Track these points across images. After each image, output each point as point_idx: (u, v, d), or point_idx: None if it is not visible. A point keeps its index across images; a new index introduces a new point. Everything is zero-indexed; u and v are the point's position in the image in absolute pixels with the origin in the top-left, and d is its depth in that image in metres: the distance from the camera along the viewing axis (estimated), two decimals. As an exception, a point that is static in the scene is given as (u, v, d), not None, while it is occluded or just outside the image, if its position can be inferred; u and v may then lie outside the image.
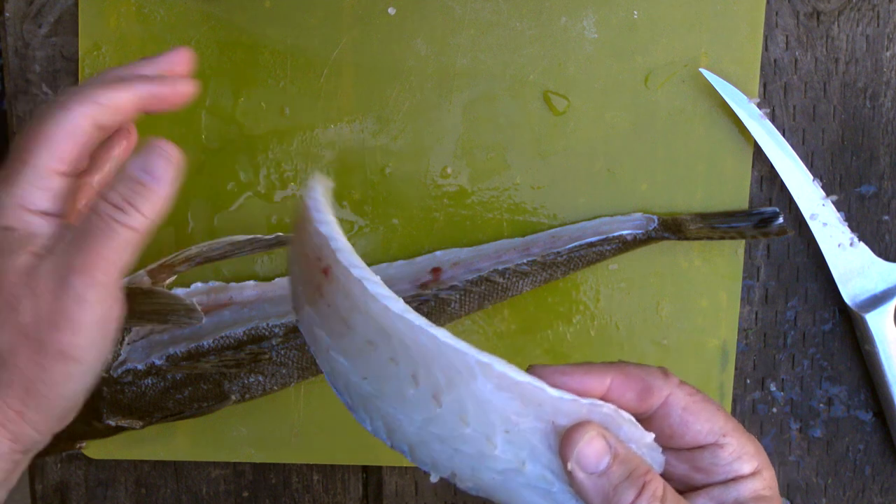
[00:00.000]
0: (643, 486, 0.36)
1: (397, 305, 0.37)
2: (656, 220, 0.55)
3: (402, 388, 0.37)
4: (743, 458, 0.39)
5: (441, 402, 0.37)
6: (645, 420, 0.39)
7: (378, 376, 0.38)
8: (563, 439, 0.36)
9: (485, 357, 0.36)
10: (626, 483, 0.36)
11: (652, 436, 0.39)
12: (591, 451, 0.36)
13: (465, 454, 0.38)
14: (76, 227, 0.40)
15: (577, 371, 0.38)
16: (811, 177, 0.55)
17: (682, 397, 0.39)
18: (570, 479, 0.37)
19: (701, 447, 0.39)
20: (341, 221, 0.57)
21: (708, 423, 0.39)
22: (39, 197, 0.41)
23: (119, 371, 0.53)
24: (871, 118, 0.57)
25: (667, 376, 0.40)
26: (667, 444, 0.40)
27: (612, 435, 0.37)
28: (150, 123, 0.56)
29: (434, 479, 0.40)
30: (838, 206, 0.56)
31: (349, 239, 0.38)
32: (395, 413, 0.38)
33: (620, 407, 0.38)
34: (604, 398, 0.38)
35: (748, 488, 0.39)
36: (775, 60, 0.56)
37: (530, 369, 0.38)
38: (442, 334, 0.37)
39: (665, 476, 0.40)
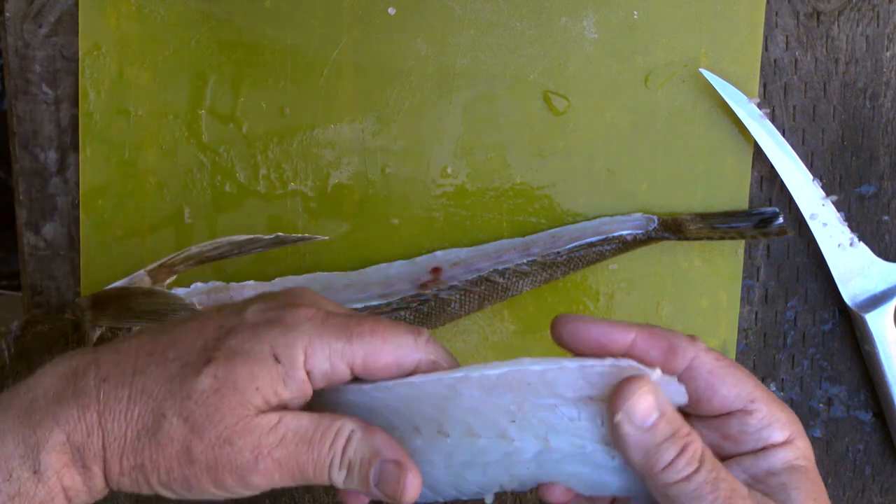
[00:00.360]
0: (684, 447, 0.36)
1: (365, 386, 0.38)
2: (656, 221, 0.55)
3: (412, 444, 0.39)
4: (774, 425, 0.38)
5: (446, 432, 0.38)
6: None
7: None
8: (616, 392, 0.36)
9: (458, 372, 0.37)
10: (670, 442, 0.36)
11: (674, 379, 0.38)
12: (641, 406, 0.36)
13: (494, 462, 0.38)
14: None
15: (602, 323, 0.38)
16: (811, 177, 0.55)
17: (708, 361, 0.38)
18: (613, 432, 0.37)
19: (729, 414, 0.39)
20: (341, 222, 0.57)
21: (735, 387, 0.38)
22: (323, 360, 0.38)
23: (119, 371, 0.53)
24: (871, 118, 0.57)
25: (694, 340, 0.39)
26: (693, 409, 0.39)
27: (662, 393, 0.37)
28: (151, 123, 0.56)
29: (490, 500, 0.40)
30: (838, 206, 0.56)
31: (347, 237, 0.38)
32: (421, 467, 0.38)
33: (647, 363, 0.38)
34: (627, 354, 0.38)
35: (780, 458, 0.38)
36: (775, 60, 0.56)
37: (558, 319, 0.39)
38: (418, 378, 0.38)
39: None
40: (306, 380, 0.37)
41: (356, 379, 0.39)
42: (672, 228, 0.55)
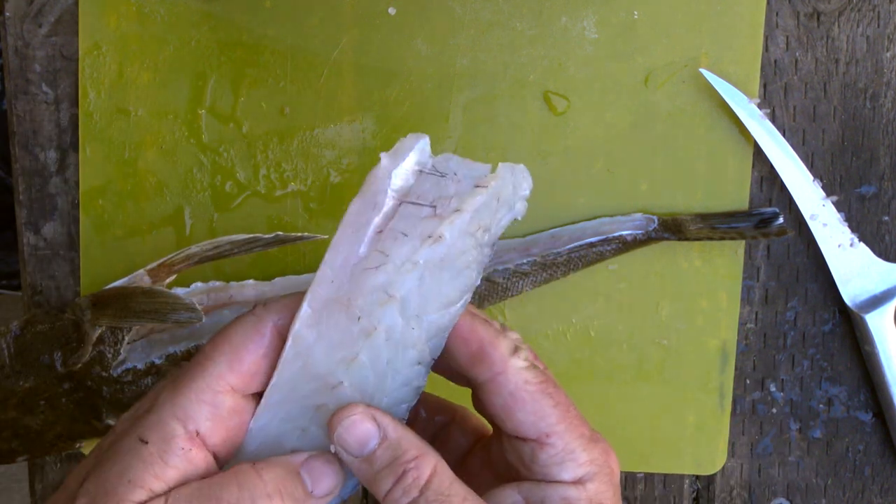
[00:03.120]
0: (402, 475, 0.34)
1: (251, 426, 0.38)
2: (656, 221, 0.55)
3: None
4: (566, 464, 0.36)
5: (333, 382, 0.37)
6: (477, 386, 0.37)
7: None
8: (329, 420, 0.35)
9: (288, 342, 0.36)
10: (388, 470, 0.34)
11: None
12: (354, 435, 0.35)
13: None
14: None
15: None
16: (811, 177, 0.55)
17: (514, 381, 0.36)
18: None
19: (524, 439, 0.36)
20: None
21: (532, 416, 0.36)
22: (201, 413, 0.35)
23: (119, 370, 0.53)
24: (872, 119, 0.57)
25: (512, 354, 0.37)
26: (494, 423, 0.37)
27: (387, 417, 0.35)
28: (151, 123, 0.56)
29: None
30: (838, 206, 0.56)
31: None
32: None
33: (453, 361, 0.37)
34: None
35: (560, 494, 0.36)
36: (775, 61, 0.56)
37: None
38: (273, 379, 0.37)
39: (490, 456, 0.38)
40: (192, 447, 0.35)
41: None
42: (672, 229, 0.55)
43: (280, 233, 0.52)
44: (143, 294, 0.50)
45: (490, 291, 0.55)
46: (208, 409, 0.35)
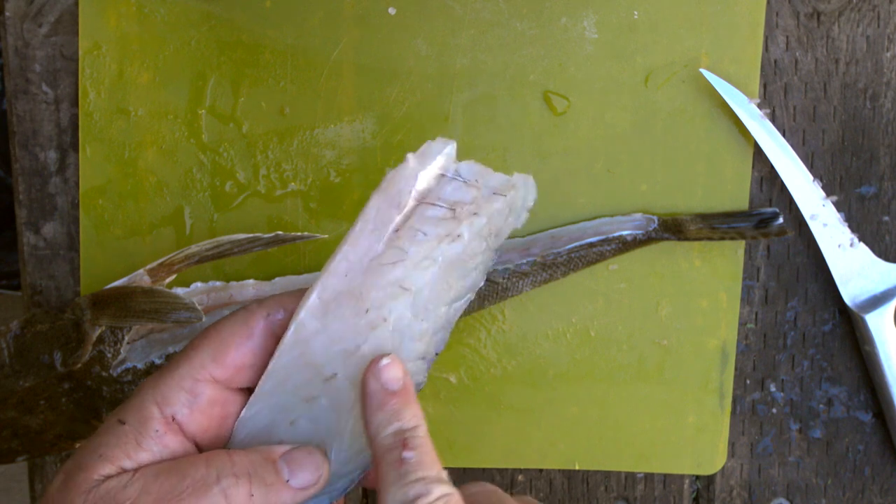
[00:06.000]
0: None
1: (242, 414, 0.38)
2: (656, 221, 0.55)
3: (321, 410, 0.39)
4: None
5: (328, 374, 0.37)
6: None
7: None
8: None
9: (289, 330, 0.37)
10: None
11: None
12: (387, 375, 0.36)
13: (393, 330, 0.38)
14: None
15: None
16: (811, 177, 0.55)
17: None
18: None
19: None
20: (341, 222, 0.57)
21: None
22: (179, 399, 0.36)
23: (119, 370, 0.53)
24: (872, 119, 0.57)
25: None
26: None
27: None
28: (151, 123, 0.56)
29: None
30: (838, 206, 0.56)
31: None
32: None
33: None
34: None
35: None
36: (775, 61, 0.56)
37: None
38: (270, 364, 0.37)
39: None
40: (167, 431, 0.36)
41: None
42: (672, 229, 0.55)
43: (280, 233, 0.52)
44: (143, 294, 0.50)
45: (490, 291, 0.55)
46: (186, 397, 0.36)
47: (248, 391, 0.38)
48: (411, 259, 0.37)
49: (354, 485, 0.39)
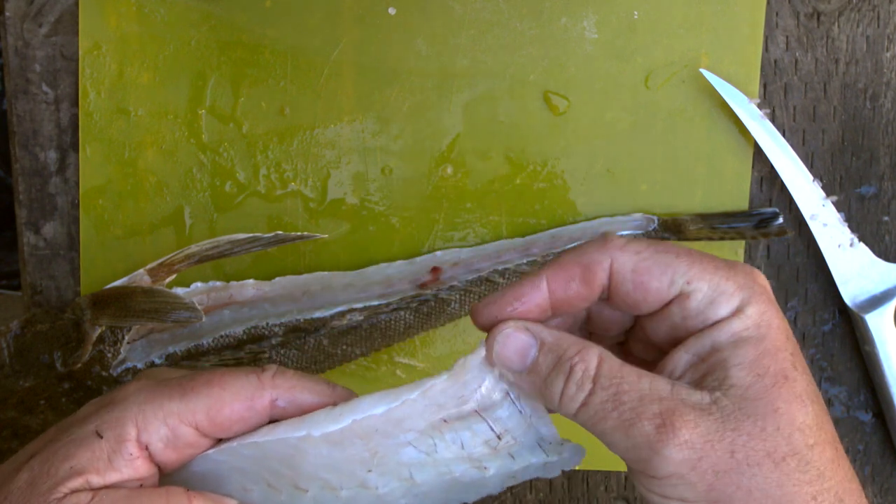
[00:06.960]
0: (570, 371, 0.33)
1: (209, 451, 0.37)
2: (656, 221, 0.55)
3: (275, 501, 0.38)
4: (718, 300, 0.34)
5: (303, 488, 0.37)
6: (608, 300, 0.35)
7: None
8: (486, 341, 0.34)
9: (301, 430, 0.36)
10: (555, 372, 0.33)
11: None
12: (511, 349, 0.34)
13: None
14: None
15: (512, 291, 0.35)
16: (811, 177, 0.55)
17: (626, 260, 0.34)
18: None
19: (670, 303, 0.34)
20: (341, 222, 0.57)
21: (664, 275, 0.34)
22: (159, 432, 0.36)
23: (119, 370, 0.53)
24: (872, 119, 0.57)
25: (605, 244, 0.35)
26: (638, 312, 0.36)
27: (537, 325, 0.34)
28: (151, 123, 0.56)
29: None
30: (838, 206, 0.56)
31: (347, 237, 0.38)
32: None
33: (570, 301, 0.35)
34: (551, 305, 0.35)
35: (725, 332, 0.33)
36: (775, 61, 0.56)
37: (474, 311, 0.36)
38: (261, 436, 0.36)
39: (647, 344, 0.36)
40: (140, 455, 0.35)
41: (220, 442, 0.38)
42: (672, 229, 0.55)
43: (280, 232, 0.52)
44: (143, 294, 0.50)
45: (490, 291, 0.55)
46: (166, 433, 0.36)
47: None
48: (434, 460, 0.36)
49: None
